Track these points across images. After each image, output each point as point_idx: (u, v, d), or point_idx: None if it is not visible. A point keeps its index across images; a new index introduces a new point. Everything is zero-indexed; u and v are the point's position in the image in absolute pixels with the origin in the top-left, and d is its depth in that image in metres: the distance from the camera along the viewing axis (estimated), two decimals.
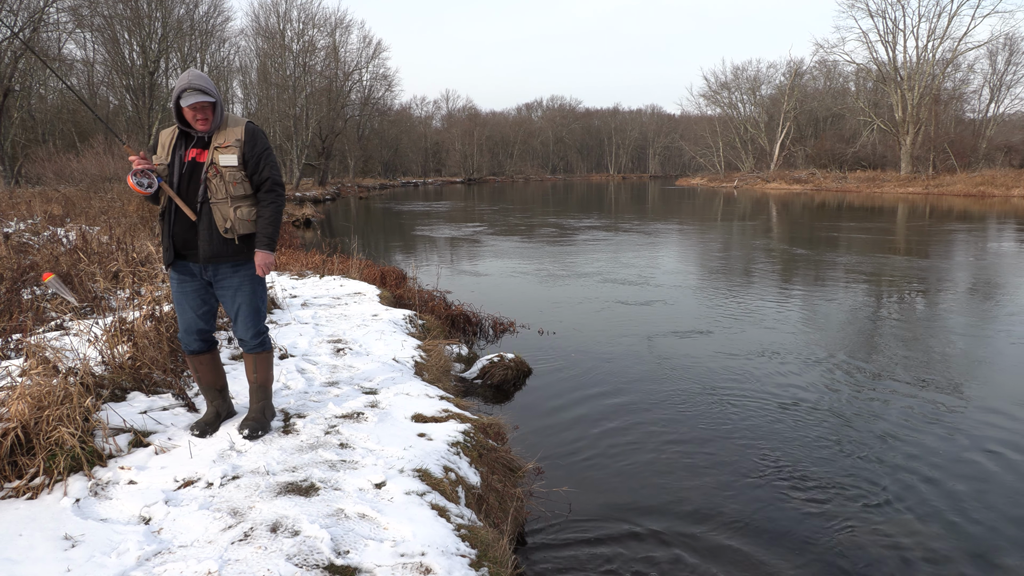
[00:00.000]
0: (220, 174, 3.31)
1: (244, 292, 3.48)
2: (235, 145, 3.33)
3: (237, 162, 3.32)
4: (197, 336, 3.54)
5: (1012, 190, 34.25)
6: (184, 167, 3.34)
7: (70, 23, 30.15)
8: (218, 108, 3.31)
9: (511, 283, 11.16)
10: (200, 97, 3.19)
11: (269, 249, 3.41)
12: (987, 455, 4.40)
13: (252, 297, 3.51)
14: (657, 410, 5.25)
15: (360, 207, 34.99)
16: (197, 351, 3.58)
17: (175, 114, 3.30)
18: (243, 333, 3.56)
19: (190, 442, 3.43)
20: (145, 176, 3.25)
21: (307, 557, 2.47)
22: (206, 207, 3.33)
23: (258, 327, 3.58)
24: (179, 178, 3.33)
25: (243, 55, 49.51)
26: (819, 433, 4.77)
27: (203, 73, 3.28)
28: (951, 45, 44.26)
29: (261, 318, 3.60)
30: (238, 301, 3.48)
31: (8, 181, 23.86)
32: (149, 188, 3.27)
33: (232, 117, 3.43)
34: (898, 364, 6.37)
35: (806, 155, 56.75)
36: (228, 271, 3.42)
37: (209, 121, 3.29)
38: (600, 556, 3.32)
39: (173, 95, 3.25)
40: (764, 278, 11.63)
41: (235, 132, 3.35)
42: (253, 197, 3.43)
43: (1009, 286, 10.41)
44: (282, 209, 3.46)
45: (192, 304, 3.48)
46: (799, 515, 3.68)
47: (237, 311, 3.51)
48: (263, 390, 3.66)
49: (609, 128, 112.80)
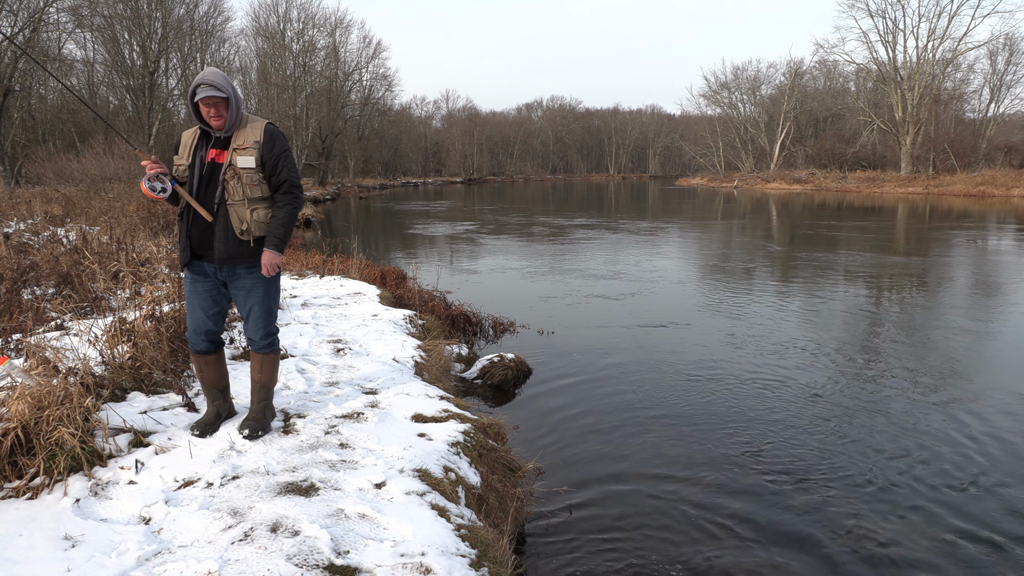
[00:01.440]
0: (238, 176, 3.31)
1: (257, 293, 3.50)
2: (253, 147, 3.32)
3: (255, 164, 3.32)
4: (205, 337, 3.55)
5: (1012, 190, 34.26)
6: (204, 168, 3.35)
7: (70, 23, 30.17)
8: (232, 106, 3.29)
9: (511, 283, 11.16)
10: (211, 92, 3.18)
11: (277, 250, 3.40)
12: (988, 453, 4.40)
13: (265, 298, 3.52)
14: (657, 410, 5.25)
15: (360, 207, 34.98)
16: (204, 351, 3.58)
17: (194, 113, 3.31)
18: (253, 333, 3.57)
19: (190, 442, 3.43)
20: (159, 180, 3.25)
21: (307, 557, 2.47)
22: (223, 208, 3.34)
23: (269, 328, 3.59)
24: (199, 179, 3.34)
25: (243, 55, 49.51)
26: (821, 432, 4.77)
27: (220, 71, 3.28)
28: (951, 45, 44.37)
29: (273, 319, 3.61)
30: (251, 301, 3.50)
31: (8, 181, 23.86)
32: (163, 192, 3.27)
33: (252, 118, 3.42)
34: (898, 362, 6.37)
35: (806, 155, 56.76)
36: (243, 271, 3.44)
37: (223, 119, 3.28)
38: (600, 556, 3.32)
39: (190, 92, 3.25)
40: (764, 278, 11.63)
41: (254, 133, 3.35)
42: (270, 199, 3.43)
43: (1009, 285, 10.41)
44: (297, 211, 3.46)
45: (203, 304, 3.49)
46: (801, 514, 3.68)
47: (249, 311, 3.53)
48: (265, 390, 3.65)
49: (609, 128, 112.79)
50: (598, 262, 13.39)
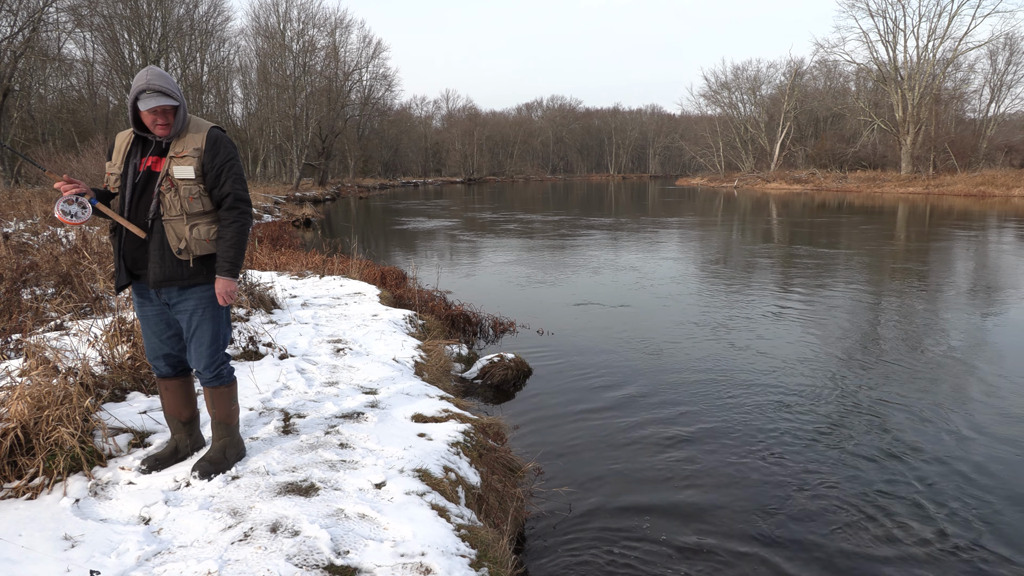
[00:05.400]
0: (175, 187, 2.87)
1: (199, 318, 3.03)
2: (193, 155, 2.89)
3: (194, 174, 2.88)
4: (164, 361, 3.16)
5: (1012, 190, 34.25)
6: (139, 177, 2.91)
7: (69, 23, 30.13)
8: (181, 111, 2.88)
9: (511, 283, 11.16)
10: (161, 100, 2.78)
11: (231, 275, 2.96)
12: (989, 452, 4.40)
13: (211, 323, 3.06)
14: (657, 410, 5.25)
15: (360, 207, 34.99)
16: (164, 375, 3.19)
17: (131, 117, 2.88)
18: (196, 363, 3.11)
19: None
20: (76, 203, 2.80)
21: (307, 557, 2.47)
22: (158, 224, 2.89)
23: (214, 357, 3.12)
24: (132, 189, 2.90)
25: (243, 55, 49.55)
26: (821, 431, 4.77)
27: (163, 71, 2.85)
28: (951, 45, 44.36)
29: (220, 347, 3.14)
30: (192, 327, 3.04)
31: (8, 181, 23.83)
32: (77, 217, 2.80)
33: (195, 122, 2.97)
34: (900, 362, 6.37)
35: (806, 155, 56.75)
36: (184, 295, 2.99)
37: (170, 126, 2.87)
38: (600, 556, 3.32)
39: (130, 95, 2.82)
40: (765, 278, 11.63)
41: (195, 139, 2.91)
42: (214, 213, 2.98)
43: (1009, 285, 10.41)
44: (246, 229, 2.99)
45: (155, 328, 3.09)
46: (801, 514, 3.68)
47: (191, 339, 3.07)
48: (223, 427, 3.21)
49: (609, 128, 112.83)
50: (599, 263, 13.39)
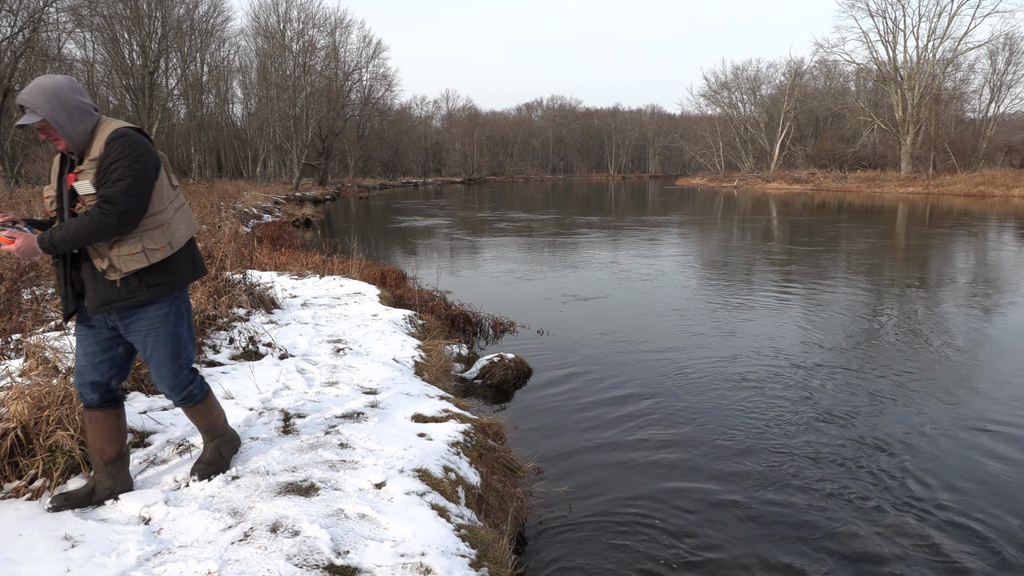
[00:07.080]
0: (85, 205, 2.57)
1: (154, 340, 2.78)
2: (90, 167, 2.55)
3: (93, 188, 2.54)
4: (90, 388, 2.79)
5: (1012, 190, 34.25)
6: (67, 197, 2.63)
7: (69, 23, 30.13)
8: (64, 124, 2.51)
9: (511, 283, 11.16)
10: (26, 119, 2.48)
11: (40, 245, 2.53)
12: (990, 451, 4.40)
13: (168, 344, 2.81)
14: (657, 410, 5.25)
15: (360, 207, 34.99)
16: (89, 405, 2.82)
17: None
18: (159, 385, 2.89)
19: (191, 444, 3.42)
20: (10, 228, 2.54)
21: (307, 557, 2.47)
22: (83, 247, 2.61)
23: (177, 379, 2.88)
24: (67, 211, 2.62)
25: (243, 55, 49.62)
26: (821, 430, 4.77)
27: (42, 83, 2.50)
28: (951, 45, 44.36)
29: (181, 368, 2.89)
30: (148, 351, 2.80)
31: (8, 181, 23.85)
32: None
33: (104, 126, 2.61)
34: (900, 362, 6.37)
35: (806, 155, 56.77)
36: (129, 317, 2.74)
37: (62, 140, 2.55)
38: (600, 556, 3.32)
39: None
40: (764, 277, 11.63)
41: (96, 148, 2.56)
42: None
43: (1009, 284, 10.41)
44: (98, 231, 2.52)
45: (88, 350, 2.77)
46: (801, 514, 3.68)
47: (149, 362, 2.84)
48: (211, 432, 3.12)
49: (609, 128, 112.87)
50: (599, 263, 13.40)
